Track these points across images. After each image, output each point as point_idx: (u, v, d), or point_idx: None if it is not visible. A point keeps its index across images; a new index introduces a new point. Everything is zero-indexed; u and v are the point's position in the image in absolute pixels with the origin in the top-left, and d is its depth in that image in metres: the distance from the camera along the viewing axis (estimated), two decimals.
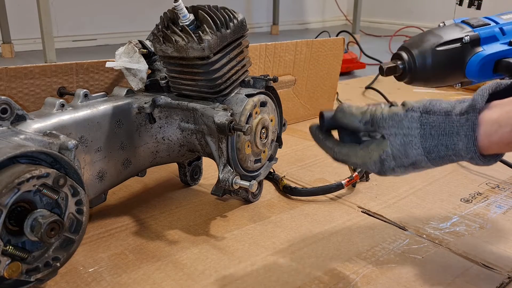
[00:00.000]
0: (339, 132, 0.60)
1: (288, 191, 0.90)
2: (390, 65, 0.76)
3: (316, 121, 0.61)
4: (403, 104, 0.53)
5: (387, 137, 0.53)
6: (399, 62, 0.76)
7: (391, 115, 0.53)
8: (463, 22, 0.79)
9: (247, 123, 0.78)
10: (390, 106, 0.55)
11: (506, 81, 0.52)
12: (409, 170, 0.54)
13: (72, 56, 2.51)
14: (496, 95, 0.51)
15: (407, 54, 0.76)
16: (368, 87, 1.76)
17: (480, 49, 0.76)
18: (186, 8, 0.73)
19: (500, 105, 0.50)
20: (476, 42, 0.77)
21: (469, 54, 0.76)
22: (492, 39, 0.78)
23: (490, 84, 0.51)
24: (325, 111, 0.59)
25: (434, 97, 0.51)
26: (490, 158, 0.51)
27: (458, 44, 0.76)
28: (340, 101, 1.57)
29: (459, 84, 0.81)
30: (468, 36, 0.76)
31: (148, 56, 0.84)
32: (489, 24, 0.79)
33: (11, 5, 2.44)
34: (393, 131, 0.52)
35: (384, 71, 0.76)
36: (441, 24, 0.79)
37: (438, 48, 0.75)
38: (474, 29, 0.77)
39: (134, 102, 0.78)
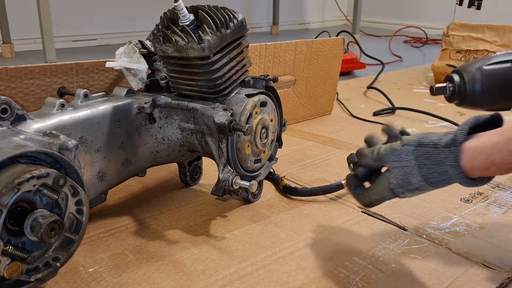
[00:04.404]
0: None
1: (288, 191, 0.90)
2: (440, 86, 0.79)
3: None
4: (401, 140, 0.62)
5: (391, 169, 0.61)
6: (450, 85, 0.78)
7: (391, 151, 0.61)
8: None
9: (247, 123, 0.78)
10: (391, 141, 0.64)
11: (485, 115, 0.59)
12: (416, 193, 0.61)
13: (72, 56, 2.51)
14: (478, 127, 0.59)
15: (459, 76, 0.78)
16: (369, 87, 1.76)
17: None
18: (186, 8, 0.73)
19: (479, 136, 0.57)
20: None
21: None
22: None
23: (470, 119, 0.59)
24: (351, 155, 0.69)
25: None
26: (479, 180, 0.58)
27: (508, 64, 0.77)
28: (340, 101, 1.57)
29: None
30: None
31: (148, 56, 0.84)
32: None
33: (11, 5, 2.44)
34: (394, 164, 0.61)
35: (433, 90, 0.79)
36: (492, 55, 0.81)
37: (486, 67, 0.76)
38: None
39: (134, 102, 0.78)
